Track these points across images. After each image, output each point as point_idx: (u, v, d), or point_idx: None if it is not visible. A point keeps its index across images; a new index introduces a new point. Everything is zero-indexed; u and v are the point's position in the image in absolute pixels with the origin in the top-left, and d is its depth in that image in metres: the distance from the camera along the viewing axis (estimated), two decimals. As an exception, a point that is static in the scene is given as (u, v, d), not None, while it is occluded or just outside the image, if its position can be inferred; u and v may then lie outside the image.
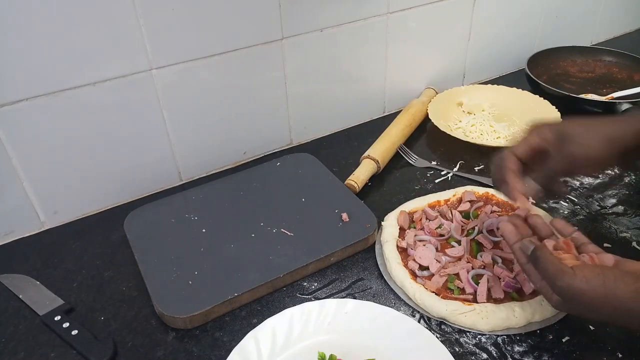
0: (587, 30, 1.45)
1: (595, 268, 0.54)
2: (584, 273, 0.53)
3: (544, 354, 0.63)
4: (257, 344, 0.64)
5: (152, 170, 0.92)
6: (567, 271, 0.54)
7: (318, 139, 1.08)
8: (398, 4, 1.03)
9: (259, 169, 0.95)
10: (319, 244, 0.77)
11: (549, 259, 0.56)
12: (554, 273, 0.55)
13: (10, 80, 0.73)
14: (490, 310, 0.66)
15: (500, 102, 1.15)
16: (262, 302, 0.72)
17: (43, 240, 0.84)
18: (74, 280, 0.76)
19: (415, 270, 0.73)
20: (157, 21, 0.79)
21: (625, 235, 0.80)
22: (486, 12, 1.17)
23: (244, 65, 0.91)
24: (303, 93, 1.01)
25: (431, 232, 0.79)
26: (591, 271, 0.53)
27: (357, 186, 0.89)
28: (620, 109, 1.03)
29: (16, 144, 0.77)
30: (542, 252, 0.57)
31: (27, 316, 0.71)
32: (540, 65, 1.25)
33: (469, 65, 1.24)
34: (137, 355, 0.66)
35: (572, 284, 0.53)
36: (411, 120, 1.06)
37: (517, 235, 0.62)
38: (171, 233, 0.80)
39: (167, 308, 0.68)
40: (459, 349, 0.65)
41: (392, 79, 1.12)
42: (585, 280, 0.53)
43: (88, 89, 0.79)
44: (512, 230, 0.63)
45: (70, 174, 0.84)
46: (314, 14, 0.94)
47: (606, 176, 0.93)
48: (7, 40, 0.70)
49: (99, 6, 0.74)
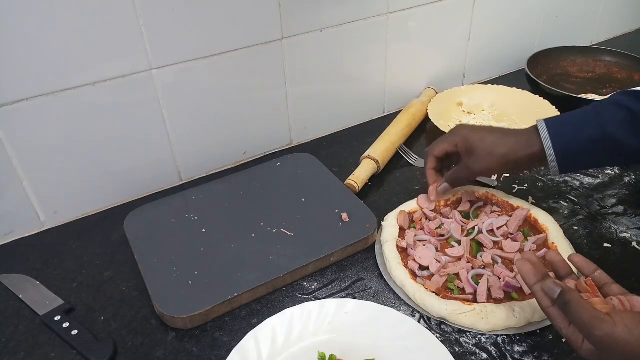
0: (587, 30, 1.45)
1: (636, 316, 0.50)
2: (625, 322, 0.48)
3: (544, 354, 0.63)
4: (257, 344, 0.64)
5: (152, 170, 0.92)
6: (606, 319, 0.49)
7: (318, 139, 1.08)
8: (398, 4, 1.03)
9: (259, 169, 0.95)
10: (319, 244, 0.77)
11: (582, 305, 0.51)
12: (591, 321, 0.49)
13: (10, 80, 0.73)
14: (490, 310, 0.66)
15: (500, 102, 1.15)
16: (262, 302, 0.72)
17: (43, 240, 0.84)
18: (74, 280, 0.76)
19: (415, 270, 0.73)
20: (157, 21, 0.79)
21: (625, 235, 0.80)
22: (486, 12, 1.17)
23: (244, 65, 0.91)
24: (303, 93, 1.01)
25: (431, 232, 0.79)
26: (633, 319, 0.49)
27: (357, 186, 0.89)
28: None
29: (16, 144, 0.77)
30: (572, 296, 0.52)
31: (27, 316, 0.71)
32: (540, 65, 1.25)
33: (469, 65, 1.24)
34: (137, 355, 0.66)
35: (613, 333, 0.48)
36: (411, 120, 1.06)
37: (536, 274, 0.57)
38: (171, 233, 0.80)
39: (167, 308, 0.68)
40: (459, 349, 0.65)
41: (392, 79, 1.12)
42: (627, 329, 0.48)
43: (88, 89, 0.79)
44: (530, 269, 0.58)
45: (70, 173, 0.84)
46: (314, 14, 0.94)
47: (606, 176, 0.93)
48: (7, 40, 0.70)
49: (99, 6, 0.74)
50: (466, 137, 0.77)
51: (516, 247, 0.76)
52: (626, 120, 0.68)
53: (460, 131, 0.79)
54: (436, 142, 0.82)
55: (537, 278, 0.57)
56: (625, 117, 0.69)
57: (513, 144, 0.74)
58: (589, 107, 0.73)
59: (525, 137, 0.74)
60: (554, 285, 0.54)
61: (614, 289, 0.56)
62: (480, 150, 0.75)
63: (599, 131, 0.69)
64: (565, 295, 0.53)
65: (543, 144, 0.72)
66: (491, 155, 0.75)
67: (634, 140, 0.68)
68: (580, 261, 0.60)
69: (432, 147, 0.82)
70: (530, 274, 0.57)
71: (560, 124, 0.72)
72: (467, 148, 0.77)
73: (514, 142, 0.74)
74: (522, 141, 0.74)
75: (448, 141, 0.79)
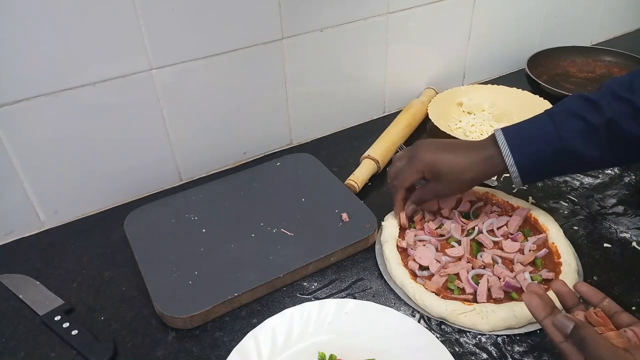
0: (587, 30, 1.45)
1: None
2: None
3: (544, 354, 0.63)
4: (257, 344, 0.64)
5: (152, 170, 0.92)
6: (627, 357, 0.47)
7: (318, 139, 1.08)
8: (398, 4, 1.03)
9: (259, 169, 0.95)
10: (319, 244, 0.77)
11: (600, 342, 0.49)
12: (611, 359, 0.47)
13: (10, 80, 0.73)
14: (490, 310, 0.66)
15: (500, 102, 1.15)
16: (262, 302, 0.72)
17: (43, 240, 0.84)
18: (74, 280, 0.76)
19: (415, 270, 0.73)
20: (157, 21, 0.79)
21: (625, 235, 0.80)
22: (486, 12, 1.17)
23: (244, 65, 0.91)
24: (303, 93, 1.01)
25: (431, 232, 0.79)
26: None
27: (357, 186, 0.89)
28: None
29: (16, 144, 0.77)
30: (587, 332, 0.50)
31: (27, 316, 0.71)
32: (540, 65, 1.25)
33: (469, 65, 1.24)
34: (137, 355, 0.66)
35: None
36: (411, 120, 1.06)
37: (544, 308, 0.54)
38: (171, 233, 0.80)
39: (167, 308, 0.68)
40: (459, 349, 0.65)
41: (392, 79, 1.12)
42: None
43: (88, 89, 0.79)
44: (538, 303, 0.55)
45: (70, 174, 0.84)
46: (314, 14, 0.94)
47: (606, 176, 0.93)
48: (8, 40, 0.70)
49: (99, 6, 0.74)
50: (432, 164, 0.75)
51: (516, 247, 0.76)
52: (585, 132, 0.68)
53: (424, 155, 0.77)
54: (402, 173, 0.79)
55: (547, 312, 0.54)
56: (583, 128, 0.68)
57: (479, 165, 0.74)
58: (544, 115, 0.72)
59: (489, 154, 0.73)
60: (566, 320, 0.51)
61: (624, 318, 0.54)
62: (448, 176, 0.75)
63: (559, 144, 0.69)
64: (580, 331, 0.50)
65: (505, 160, 0.71)
66: (459, 180, 0.75)
67: (593, 152, 0.68)
68: (588, 290, 0.57)
69: (400, 180, 0.79)
70: (538, 308, 0.55)
71: (519, 138, 0.71)
72: (433, 174, 0.76)
73: (479, 164, 0.73)
74: (486, 160, 0.73)
75: (414, 170, 0.77)
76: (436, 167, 0.75)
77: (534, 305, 0.55)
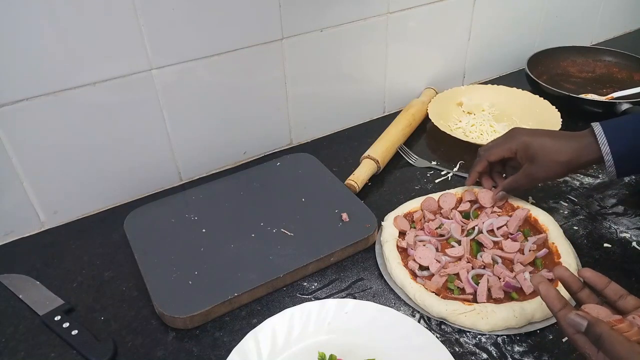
0: (587, 30, 1.45)
1: None
2: None
3: (544, 354, 0.63)
4: (257, 344, 0.64)
5: (152, 170, 0.92)
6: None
7: (318, 139, 1.08)
8: (398, 4, 1.03)
9: (259, 169, 0.95)
10: (319, 244, 0.77)
11: (616, 339, 0.49)
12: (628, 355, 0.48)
13: (10, 80, 0.73)
14: (490, 310, 0.66)
15: (500, 102, 1.15)
16: (262, 302, 0.72)
17: (43, 240, 0.84)
18: (74, 280, 0.76)
19: (415, 270, 0.73)
20: (157, 21, 0.79)
21: (625, 235, 0.80)
22: (486, 12, 1.17)
23: (244, 65, 0.91)
24: (303, 93, 1.01)
25: (431, 232, 0.79)
26: None
27: (357, 186, 0.89)
28: (620, 109, 1.03)
29: (16, 144, 0.77)
30: (602, 329, 0.50)
31: (27, 316, 0.71)
32: (540, 65, 1.25)
33: (469, 65, 1.24)
34: (137, 355, 0.66)
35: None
36: (411, 120, 1.06)
37: (560, 300, 0.55)
38: (171, 233, 0.80)
39: (167, 308, 0.68)
40: (459, 349, 0.65)
41: (392, 79, 1.12)
42: None
43: (88, 89, 0.79)
44: (555, 295, 0.55)
45: (70, 173, 0.84)
46: (314, 14, 0.94)
47: (606, 176, 0.93)
48: (7, 40, 0.70)
49: (99, 6, 0.74)
50: (527, 144, 0.76)
51: (516, 247, 0.76)
52: None
53: (519, 137, 0.78)
54: (491, 146, 0.80)
55: (562, 304, 0.55)
56: None
57: (575, 150, 0.74)
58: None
59: (585, 142, 0.73)
60: (579, 318, 0.52)
61: (630, 301, 0.55)
62: (542, 157, 0.75)
63: None
64: (595, 328, 0.50)
65: (601, 149, 0.71)
66: (554, 162, 0.74)
67: None
68: (592, 276, 0.58)
69: (488, 152, 0.80)
70: (555, 300, 0.55)
71: (617, 129, 0.72)
72: (527, 156, 0.76)
73: (575, 148, 0.74)
74: (583, 147, 0.73)
75: (505, 147, 0.78)
76: (531, 148, 0.75)
77: (551, 297, 0.55)
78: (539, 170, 0.76)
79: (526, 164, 0.77)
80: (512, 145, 0.78)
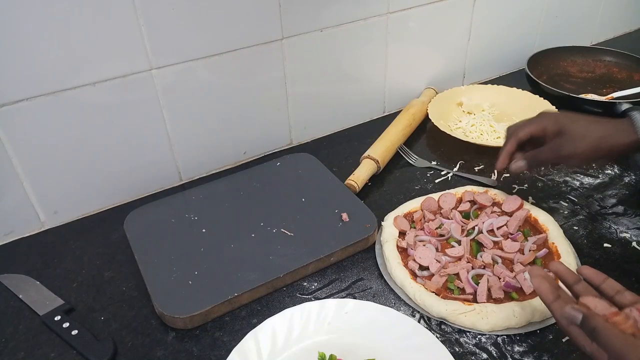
0: (587, 30, 1.45)
1: None
2: None
3: (544, 354, 0.63)
4: (257, 344, 0.64)
5: (152, 170, 0.92)
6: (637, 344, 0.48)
7: (318, 139, 1.08)
8: (398, 4, 1.03)
9: (259, 169, 0.95)
10: (319, 244, 0.77)
11: (611, 331, 0.49)
12: (623, 348, 0.48)
13: (10, 80, 0.73)
14: (490, 310, 0.66)
15: (500, 102, 1.15)
16: (262, 302, 0.72)
17: (43, 240, 0.84)
18: (74, 280, 0.76)
19: (415, 270, 0.73)
20: (157, 21, 0.79)
21: (625, 235, 0.80)
22: (486, 12, 1.17)
23: (244, 65, 0.91)
24: (303, 93, 1.01)
25: (431, 232, 0.79)
26: None
27: (357, 186, 0.89)
28: (620, 109, 1.03)
29: (16, 144, 0.77)
30: (597, 322, 0.50)
31: (27, 316, 0.71)
32: (540, 65, 1.25)
33: (469, 65, 1.24)
34: (137, 355, 0.66)
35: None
36: (411, 120, 1.06)
37: (553, 292, 0.56)
38: (171, 233, 0.80)
39: (167, 308, 0.68)
40: (459, 349, 0.65)
41: (392, 79, 1.12)
42: None
43: (88, 89, 0.79)
44: (547, 288, 0.56)
45: (70, 173, 0.84)
46: (314, 14, 0.94)
47: (606, 176, 0.93)
48: (8, 40, 0.70)
49: (99, 6, 0.74)
50: (557, 119, 0.73)
51: (516, 247, 0.76)
52: None
53: (549, 114, 0.76)
54: (521, 124, 0.77)
55: (554, 295, 0.55)
56: None
57: (608, 129, 0.71)
58: None
59: (620, 125, 0.71)
60: (574, 311, 0.52)
61: (627, 296, 0.55)
62: (572, 132, 0.71)
63: None
64: (590, 321, 0.51)
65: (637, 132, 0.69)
66: (584, 138, 0.71)
67: None
68: (589, 273, 0.58)
69: (517, 129, 0.77)
70: (547, 292, 0.56)
71: None
72: (557, 131, 0.72)
73: (609, 128, 0.71)
74: (618, 128, 0.71)
75: (536, 124, 0.75)
76: (560, 122, 0.73)
77: (543, 289, 0.56)
78: (566, 144, 0.72)
79: (555, 140, 0.73)
80: (542, 121, 0.75)
